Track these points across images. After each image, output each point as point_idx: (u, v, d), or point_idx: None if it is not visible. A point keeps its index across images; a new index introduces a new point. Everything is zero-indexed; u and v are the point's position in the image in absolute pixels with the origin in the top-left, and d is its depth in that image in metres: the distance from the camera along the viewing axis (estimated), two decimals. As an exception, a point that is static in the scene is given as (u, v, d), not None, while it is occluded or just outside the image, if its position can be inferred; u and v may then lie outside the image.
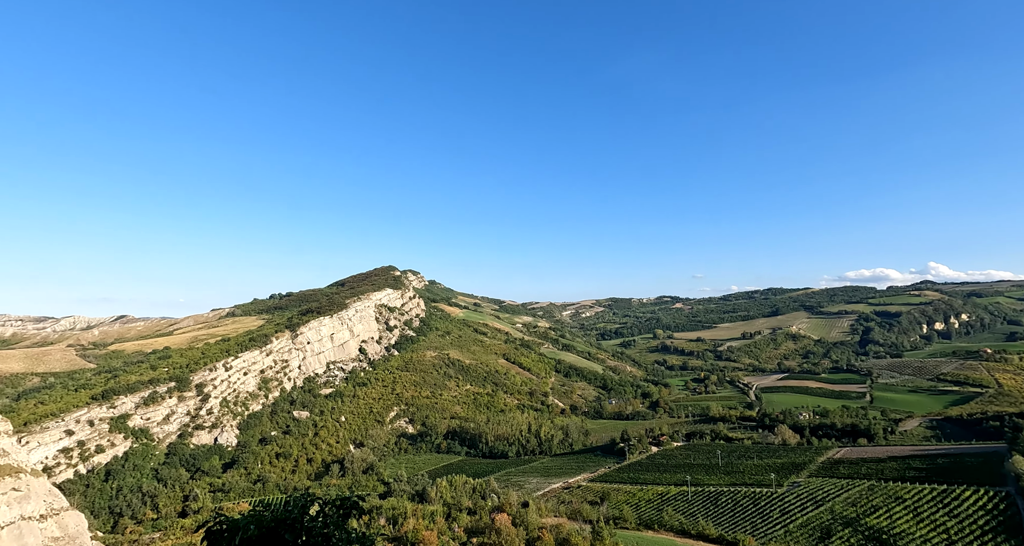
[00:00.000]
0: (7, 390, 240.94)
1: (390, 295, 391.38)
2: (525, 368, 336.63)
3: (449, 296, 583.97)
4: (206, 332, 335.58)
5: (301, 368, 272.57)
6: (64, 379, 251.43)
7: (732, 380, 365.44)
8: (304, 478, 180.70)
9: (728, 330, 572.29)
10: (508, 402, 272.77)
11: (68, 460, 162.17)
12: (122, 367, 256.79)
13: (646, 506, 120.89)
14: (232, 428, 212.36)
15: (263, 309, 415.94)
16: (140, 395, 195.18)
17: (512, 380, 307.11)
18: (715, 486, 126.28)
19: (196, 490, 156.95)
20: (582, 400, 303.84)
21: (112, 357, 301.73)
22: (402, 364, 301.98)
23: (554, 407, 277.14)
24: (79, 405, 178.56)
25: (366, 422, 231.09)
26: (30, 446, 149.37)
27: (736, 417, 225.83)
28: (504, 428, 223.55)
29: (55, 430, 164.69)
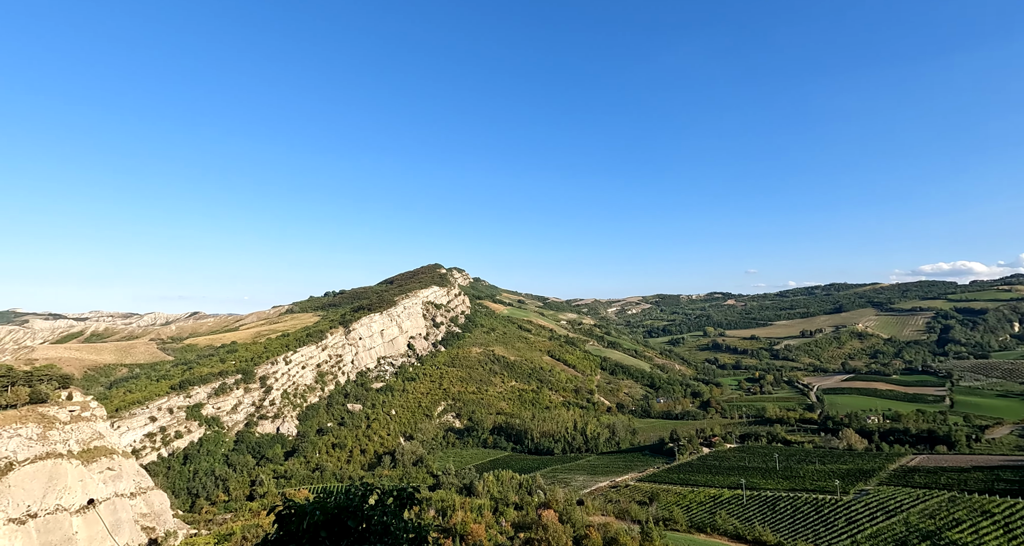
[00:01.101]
0: (101, 379, 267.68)
1: (436, 292, 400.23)
2: (570, 365, 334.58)
3: (493, 293, 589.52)
4: (268, 328, 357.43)
5: (354, 363, 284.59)
6: (147, 370, 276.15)
7: (790, 380, 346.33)
8: (358, 468, 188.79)
9: (785, 328, 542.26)
10: (553, 399, 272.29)
11: (152, 444, 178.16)
12: (196, 360, 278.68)
13: (698, 508, 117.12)
14: (292, 419, 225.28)
15: (318, 306, 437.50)
16: (212, 386, 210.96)
17: (557, 377, 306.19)
18: (772, 491, 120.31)
19: (261, 476, 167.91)
20: (629, 398, 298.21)
21: (187, 350, 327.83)
22: (448, 360, 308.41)
23: (600, 405, 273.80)
24: (160, 394, 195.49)
25: (415, 416, 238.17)
26: (120, 430, 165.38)
27: (795, 419, 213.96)
28: (549, 425, 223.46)
29: (141, 416, 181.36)
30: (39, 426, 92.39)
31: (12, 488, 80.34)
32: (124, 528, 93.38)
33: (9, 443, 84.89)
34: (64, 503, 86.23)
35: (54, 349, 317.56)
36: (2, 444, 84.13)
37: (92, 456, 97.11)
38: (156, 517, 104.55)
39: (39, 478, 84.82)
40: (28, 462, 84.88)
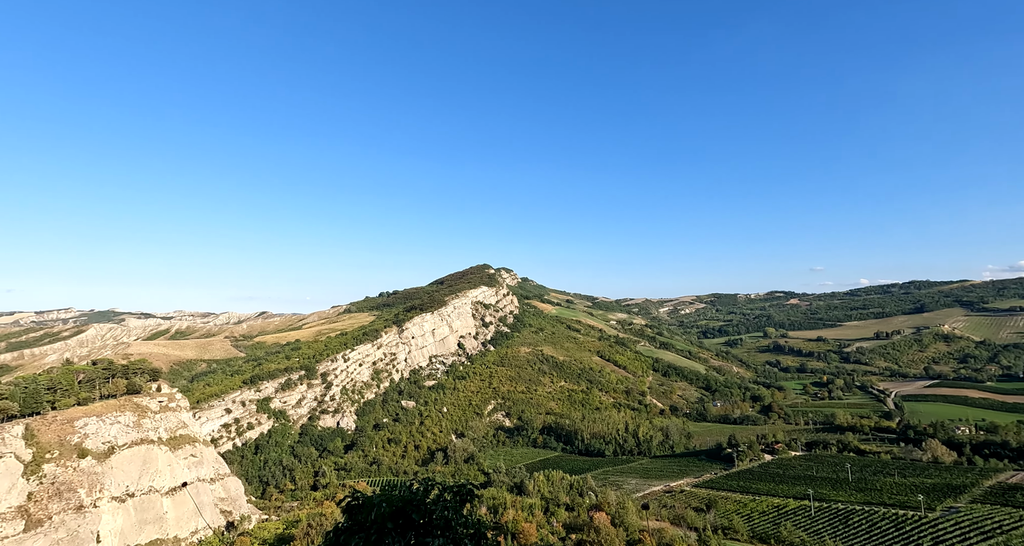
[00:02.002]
0: (184, 373, 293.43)
1: (485, 292, 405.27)
2: (620, 366, 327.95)
3: (542, 293, 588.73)
4: (328, 327, 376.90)
5: (407, 361, 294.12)
6: (223, 365, 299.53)
7: (863, 385, 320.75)
8: (412, 463, 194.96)
9: (857, 329, 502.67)
10: (603, 400, 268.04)
11: (228, 434, 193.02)
12: (264, 356, 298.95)
13: (760, 518, 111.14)
14: (351, 414, 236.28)
15: (373, 306, 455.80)
16: (278, 381, 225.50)
17: (607, 378, 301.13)
18: (844, 503, 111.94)
19: (324, 467, 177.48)
20: (683, 401, 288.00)
21: (256, 347, 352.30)
22: (498, 359, 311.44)
23: (652, 407, 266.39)
24: (234, 388, 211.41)
25: (466, 414, 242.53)
26: (201, 421, 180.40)
27: (870, 427, 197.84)
28: (600, 426, 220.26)
29: (218, 408, 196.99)
30: (134, 414, 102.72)
31: (114, 469, 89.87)
32: (206, 510, 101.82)
33: (111, 429, 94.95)
34: (156, 485, 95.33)
35: (145, 345, 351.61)
36: (106, 429, 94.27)
37: (178, 443, 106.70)
38: (232, 501, 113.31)
39: (135, 461, 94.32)
40: (126, 447, 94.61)
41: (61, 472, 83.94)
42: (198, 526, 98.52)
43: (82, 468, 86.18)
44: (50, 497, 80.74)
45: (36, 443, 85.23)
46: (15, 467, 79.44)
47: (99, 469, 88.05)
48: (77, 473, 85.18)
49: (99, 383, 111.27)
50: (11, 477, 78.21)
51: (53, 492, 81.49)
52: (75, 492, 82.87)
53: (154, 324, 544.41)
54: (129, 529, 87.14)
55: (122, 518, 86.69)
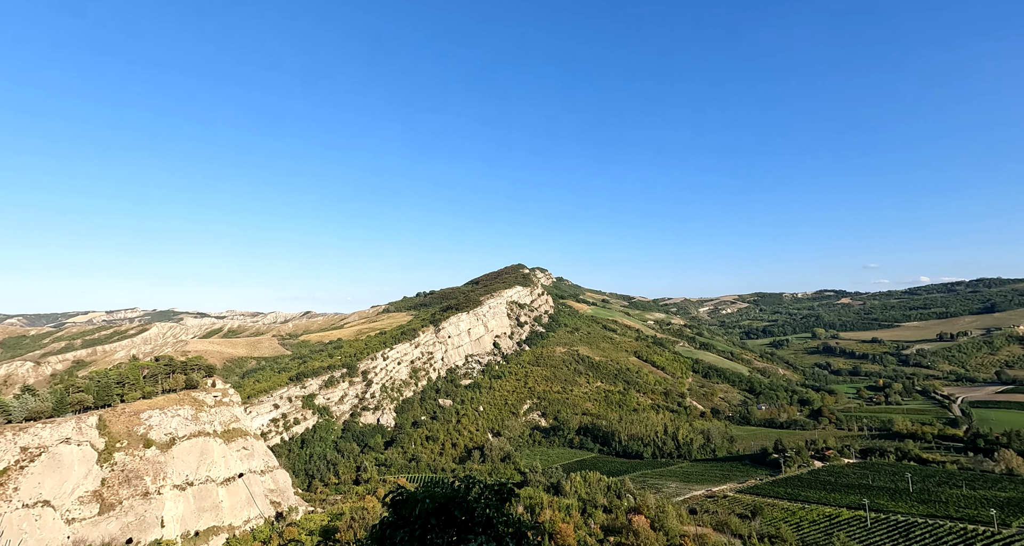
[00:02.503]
0: (236, 369, 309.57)
1: (520, 292, 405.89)
2: (659, 367, 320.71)
3: (577, 293, 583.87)
4: (368, 326, 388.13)
5: (444, 360, 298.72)
6: (271, 362, 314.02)
7: (925, 390, 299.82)
8: (450, 461, 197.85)
9: (917, 330, 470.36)
10: (641, 401, 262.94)
11: (276, 428, 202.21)
12: (309, 354, 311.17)
13: (810, 527, 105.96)
14: (390, 411, 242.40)
15: (411, 306, 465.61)
16: (322, 379, 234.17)
17: (645, 379, 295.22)
18: (905, 515, 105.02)
19: (365, 462, 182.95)
20: (725, 403, 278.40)
21: (301, 346, 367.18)
22: (533, 359, 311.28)
23: (692, 409, 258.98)
24: (281, 385, 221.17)
25: (502, 413, 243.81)
26: (252, 415, 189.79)
27: (932, 435, 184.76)
28: (638, 428, 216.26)
29: (267, 403, 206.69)
30: (192, 408, 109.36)
31: (175, 459, 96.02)
32: (257, 501, 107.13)
33: (172, 421, 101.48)
34: (212, 475, 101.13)
35: (201, 343, 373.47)
36: (167, 422, 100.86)
37: (231, 436, 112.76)
38: (281, 493, 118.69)
39: (193, 452, 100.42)
40: (185, 438, 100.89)
41: (129, 460, 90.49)
42: (250, 515, 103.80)
43: (147, 457, 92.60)
44: (120, 483, 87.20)
45: (108, 433, 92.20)
46: (91, 455, 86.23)
47: (162, 458, 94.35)
48: (143, 462, 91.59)
49: (161, 378, 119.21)
50: (87, 464, 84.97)
51: (123, 479, 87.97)
52: (142, 479, 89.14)
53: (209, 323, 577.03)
54: (189, 516, 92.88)
55: (183, 505, 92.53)
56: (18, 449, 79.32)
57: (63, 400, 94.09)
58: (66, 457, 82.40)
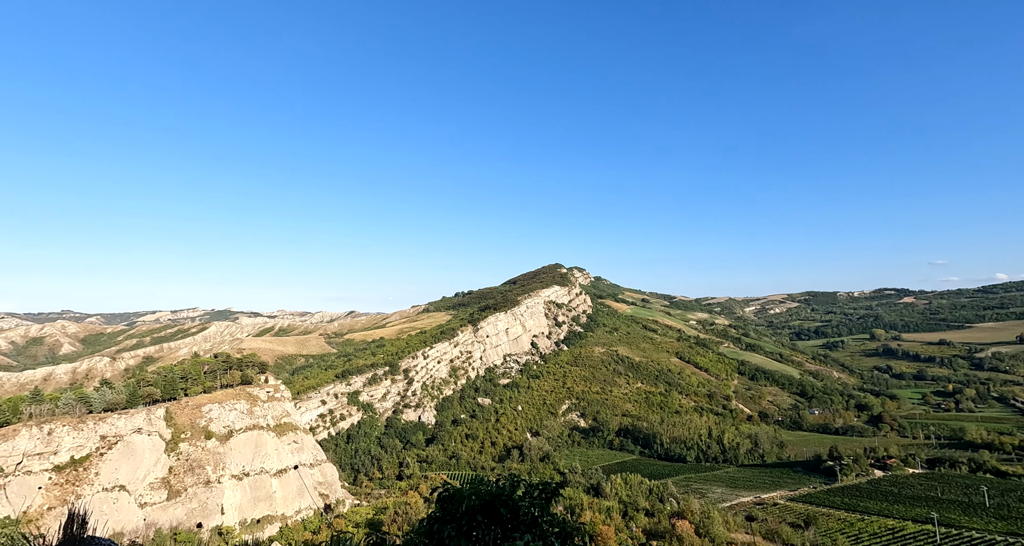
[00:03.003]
0: (286, 367, 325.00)
1: (557, 292, 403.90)
2: (702, 368, 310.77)
3: (615, 292, 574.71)
4: (408, 325, 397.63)
5: (482, 359, 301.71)
6: (318, 360, 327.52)
7: (1003, 397, 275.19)
8: (489, 459, 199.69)
9: (992, 331, 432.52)
10: (684, 403, 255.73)
11: (324, 423, 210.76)
12: (353, 353, 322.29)
13: (870, 540, 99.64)
14: (431, 409, 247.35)
15: (450, 306, 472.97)
16: (366, 376, 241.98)
17: (687, 380, 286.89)
18: (980, 531, 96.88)
19: (408, 458, 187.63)
20: (773, 407, 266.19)
21: (346, 344, 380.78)
22: (571, 359, 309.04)
23: (738, 412, 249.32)
24: (328, 382, 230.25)
25: (540, 413, 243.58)
26: (301, 410, 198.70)
27: (1013, 446, 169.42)
28: (680, 430, 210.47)
29: (315, 399, 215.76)
30: (247, 403, 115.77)
31: (233, 451, 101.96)
32: (306, 492, 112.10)
33: (230, 415, 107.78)
34: (266, 466, 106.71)
35: (254, 341, 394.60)
36: (225, 415, 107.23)
37: (283, 430, 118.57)
38: (329, 486, 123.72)
39: (249, 445, 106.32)
40: (242, 431, 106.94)
41: (193, 451, 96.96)
42: (301, 506, 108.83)
43: (208, 448, 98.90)
44: (185, 472, 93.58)
45: (174, 424, 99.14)
46: (159, 444, 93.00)
47: (221, 450, 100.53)
48: (205, 452, 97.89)
49: (219, 374, 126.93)
50: (156, 452, 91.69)
51: (187, 467, 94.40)
52: (203, 469, 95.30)
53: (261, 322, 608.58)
54: (246, 504, 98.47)
55: (240, 494, 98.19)
56: (98, 437, 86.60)
57: (135, 393, 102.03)
58: (139, 446, 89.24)
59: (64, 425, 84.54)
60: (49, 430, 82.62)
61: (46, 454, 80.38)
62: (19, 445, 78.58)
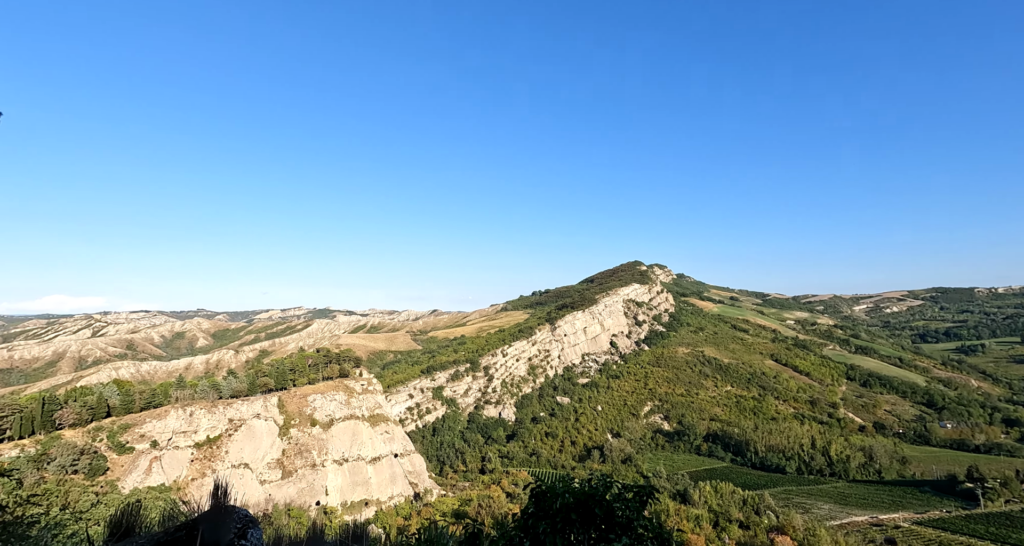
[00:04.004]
0: (377, 362, 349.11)
1: (637, 290, 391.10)
2: (802, 372, 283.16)
3: (700, 290, 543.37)
4: (487, 324, 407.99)
5: (560, 358, 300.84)
6: (405, 356, 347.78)
7: None
8: (569, 458, 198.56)
9: None
10: (781, 409, 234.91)
11: (411, 416, 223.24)
12: (436, 349, 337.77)
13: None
14: (511, 406, 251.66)
15: (527, 305, 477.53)
16: (449, 372, 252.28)
17: (784, 385, 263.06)
18: None
19: (489, 453, 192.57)
20: (892, 418, 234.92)
21: (430, 341, 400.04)
22: (653, 359, 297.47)
23: (848, 422, 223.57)
24: (415, 377, 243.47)
25: (621, 414, 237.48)
26: (391, 403, 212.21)
27: None
28: (778, 438, 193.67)
29: (403, 393, 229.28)
30: (345, 394, 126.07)
31: (334, 438, 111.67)
32: (398, 480, 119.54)
33: (330, 405, 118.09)
34: (362, 454, 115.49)
35: (349, 337, 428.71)
36: (327, 405, 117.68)
37: (375, 421, 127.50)
38: (417, 475, 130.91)
39: (347, 433, 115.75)
40: (341, 420, 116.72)
41: (301, 436, 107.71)
42: (393, 492, 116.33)
43: (313, 434, 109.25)
44: (295, 454, 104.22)
45: (285, 411, 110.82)
46: (273, 429, 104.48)
47: (324, 436, 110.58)
48: (311, 438, 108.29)
49: (321, 367, 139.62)
50: (271, 436, 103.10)
51: (296, 451, 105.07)
52: (310, 453, 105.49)
53: (355, 320, 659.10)
54: (346, 487, 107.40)
55: (341, 478, 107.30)
56: (227, 420, 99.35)
57: (254, 382, 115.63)
58: (258, 429, 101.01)
59: (201, 408, 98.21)
60: (190, 412, 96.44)
61: (188, 432, 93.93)
62: (169, 424, 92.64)
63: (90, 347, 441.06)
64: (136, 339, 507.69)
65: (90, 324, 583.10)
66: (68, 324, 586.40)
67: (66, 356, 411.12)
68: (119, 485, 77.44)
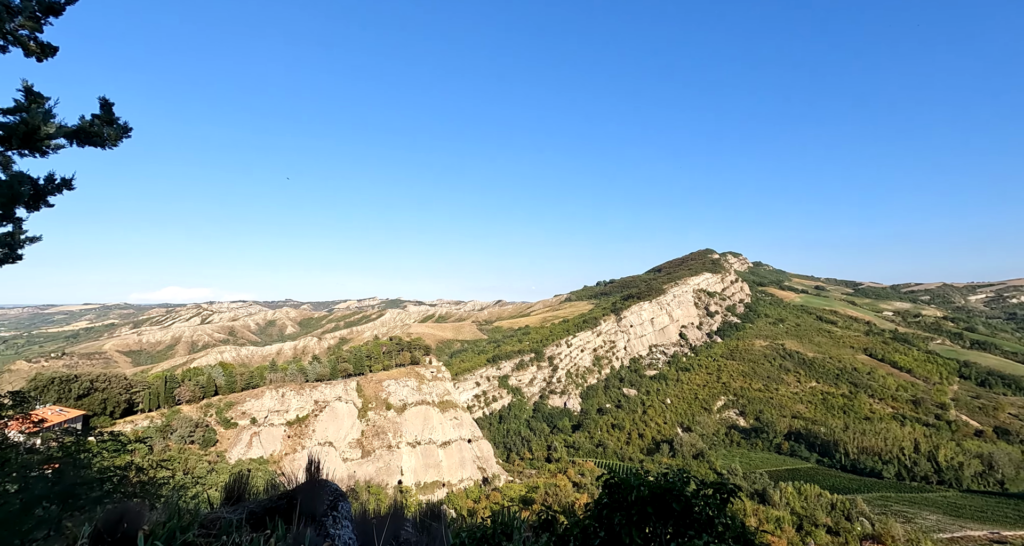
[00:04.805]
0: (445, 350, 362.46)
1: (708, 279, 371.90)
2: (902, 368, 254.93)
3: (780, 279, 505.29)
4: (551, 314, 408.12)
5: (626, 349, 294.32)
6: (471, 345, 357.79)
7: None
8: (637, 451, 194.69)
9: None
10: (876, 409, 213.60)
11: (478, 403, 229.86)
12: (501, 339, 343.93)
13: None
14: (576, 396, 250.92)
15: (591, 295, 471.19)
16: (514, 362, 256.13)
17: (880, 382, 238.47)
18: None
19: (555, 443, 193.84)
20: (1019, 423, 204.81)
21: (495, 331, 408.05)
22: (726, 352, 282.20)
23: (960, 425, 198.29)
24: (481, 365, 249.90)
25: (692, 407, 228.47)
26: (459, 390, 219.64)
27: None
28: (873, 440, 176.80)
29: (470, 381, 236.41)
30: (416, 380, 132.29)
31: (407, 421, 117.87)
32: (467, 464, 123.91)
33: (403, 390, 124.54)
34: (433, 438, 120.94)
35: (419, 327, 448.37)
36: (400, 390, 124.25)
37: (445, 407, 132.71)
38: (485, 461, 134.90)
39: (419, 417, 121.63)
40: (413, 405, 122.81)
41: (377, 419, 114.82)
42: (463, 476, 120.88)
43: (389, 418, 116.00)
44: (372, 436, 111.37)
45: (363, 395, 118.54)
46: (353, 411, 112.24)
47: (398, 420, 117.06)
48: (386, 421, 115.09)
49: (393, 354, 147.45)
50: (351, 417, 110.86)
51: (374, 432, 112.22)
52: (386, 435, 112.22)
53: (424, 310, 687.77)
54: (419, 469, 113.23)
55: (414, 460, 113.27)
56: (313, 401, 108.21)
57: (335, 368, 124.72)
58: (340, 411, 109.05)
59: (291, 390, 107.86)
60: (282, 393, 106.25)
61: (281, 411, 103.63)
62: (265, 403, 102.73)
63: (199, 333, 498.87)
64: (236, 326, 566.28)
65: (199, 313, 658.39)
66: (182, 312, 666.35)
67: (181, 341, 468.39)
68: (226, 455, 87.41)
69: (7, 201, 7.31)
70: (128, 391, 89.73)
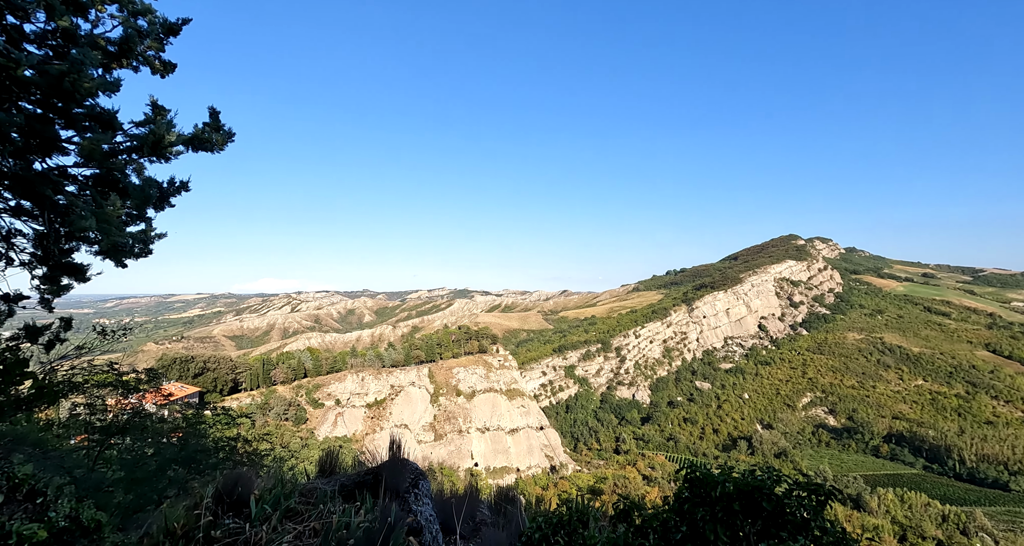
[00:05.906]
0: (512, 340, 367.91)
1: (792, 267, 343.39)
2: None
3: (878, 266, 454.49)
4: (618, 304, 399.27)
5: (699, 341, 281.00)
6: (537, 335, 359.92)
7: None
8: (711, 447, 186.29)
9: None
10: (1000, 412, 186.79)
11: (545, 393, 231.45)
12: (567, 329, 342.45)
13: None
14: (645, 388, 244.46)
15: (661, 284, 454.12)
16: (580, 352, 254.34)
17: (1007, 382, 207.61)
18: None
19: (623, 434, 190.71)
20: None
21: (561, 321, 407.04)
22: (813, 345, 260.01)
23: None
24: (547, 355, 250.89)
25: (772, 404, 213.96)
26: (526, 379, 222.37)
27: None
28: (995, 447, 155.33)
29: (536, 370, 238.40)
30: (484, 368, 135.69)
31: (476, 408, 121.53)
32: (534, 452, 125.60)
33: (472, 378, 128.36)
34: (501, 424, 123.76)
35: (486, 316, 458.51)
36: (469, 378, 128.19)
37: (512, 395, 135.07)
38: (552, 449, 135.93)
39: (487, 404, 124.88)
40: (481, 392, 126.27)
41: (448, 404, 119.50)
42: (531, 463, 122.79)
43: (459, 404, 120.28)
44: (444, 420, 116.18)
45: (435, 382, 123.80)
46: (426, 396, 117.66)
47: (467, 406, 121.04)
48: (457, 407, 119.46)
49: (462, 343, 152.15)
50: (424, 402, 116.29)
51: (445, 417, 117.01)
52: (456, 420, 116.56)
53: (491, 300, 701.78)
54: (488, 454, 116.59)
55: (484, 444, 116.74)
56: (389, 386, 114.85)
57: (408, 354, 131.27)
58: (414, 395, 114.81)
59: (370, 374, 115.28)
60: (362, 378, 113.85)
61: (361, 394, 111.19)
62: (347, 386, 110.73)
63: (290, 320, 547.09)
64: (320, 314, 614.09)
65: (289, 302, 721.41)
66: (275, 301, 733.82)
67: (275, 327, 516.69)
68: (315, 433, 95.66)
69: (141, 202, 8.48)
70: (233, 371, 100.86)
